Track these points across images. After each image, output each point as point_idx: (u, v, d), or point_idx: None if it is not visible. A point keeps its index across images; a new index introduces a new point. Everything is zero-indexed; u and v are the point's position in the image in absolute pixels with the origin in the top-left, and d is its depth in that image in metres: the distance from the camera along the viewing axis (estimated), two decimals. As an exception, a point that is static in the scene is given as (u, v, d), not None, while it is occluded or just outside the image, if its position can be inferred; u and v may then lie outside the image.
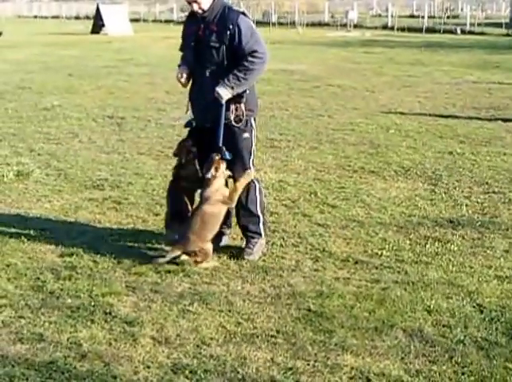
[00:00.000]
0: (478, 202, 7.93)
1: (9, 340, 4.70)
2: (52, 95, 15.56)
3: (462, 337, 4.79)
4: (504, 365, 4.44)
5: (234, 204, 6.11)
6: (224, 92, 5.89)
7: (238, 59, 5.92)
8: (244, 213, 6.27)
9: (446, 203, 7.90)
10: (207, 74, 5.99)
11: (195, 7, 5.91)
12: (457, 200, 7.98)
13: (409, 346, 4.68)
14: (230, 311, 5.15)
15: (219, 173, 5.92)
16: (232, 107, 5.98)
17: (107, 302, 5.25)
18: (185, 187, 6.22)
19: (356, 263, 6.11)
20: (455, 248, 6.50)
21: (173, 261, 5.89)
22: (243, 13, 6.05)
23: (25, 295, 5.37)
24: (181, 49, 6.35)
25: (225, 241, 6.49)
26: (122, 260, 6.03)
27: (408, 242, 6.65)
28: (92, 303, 5.23)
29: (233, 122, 6.01)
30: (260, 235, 6.29)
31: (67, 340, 4.70)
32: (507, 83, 18.34)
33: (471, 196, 8.15)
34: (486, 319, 5.08)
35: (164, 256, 5.92)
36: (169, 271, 5.81)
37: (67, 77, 18.92)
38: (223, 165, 5.94)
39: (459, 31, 42.06)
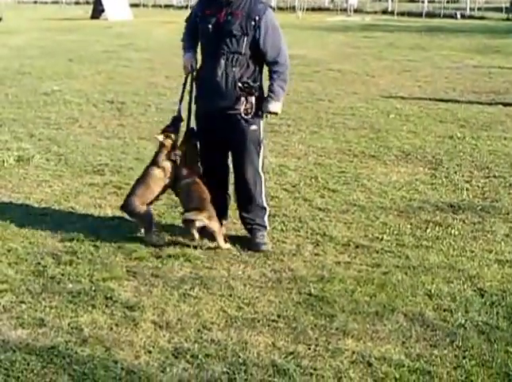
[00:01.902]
0: (478, 186, 7.93)
1: (10, 325, 4.70)
2: (52, 81, 15.50)
3: (463, 321, 4.80)
4: (505, 349, 4.45)
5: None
6: (277, 107, 5.91)
7: (256, 51, 5.82)
8: (252, 207, 6.19)
9: (446, 187, 7.90)
10: (222, 61, 5.82)
11: None
12: (458, 185, 7.98)
13: (410, 330, 4.68)
14: (231, 296, 5.15)
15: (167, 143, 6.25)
16: (242, 99, 5.85)
17: (108, 287, 5.25)
18: None
19: (357, 247, 6.11)
20: (456, 232, 6.50)
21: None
22: (270, 7, 5.93)
23: (26, 280, 5.37)
24: (187, 25, 6.22)
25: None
26: (122, 245, 6.03)
27: (409, 226, 6.65)
28: (93, 288, 5.23)
29: (242, 114, 5.88)
30: (265, 227, 6.25)
31: (68, 325, 4.70)
32: (508, 67, 18.27)
33: (472, 181, 8.14)
34: (487, 303, 5.09)
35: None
36: (170, 256, 5.81)
37: (67, 62, 18.83)
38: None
39: (459, 15, 41.83)
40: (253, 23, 5.75)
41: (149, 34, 28.08)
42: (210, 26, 5.84)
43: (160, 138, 6.33)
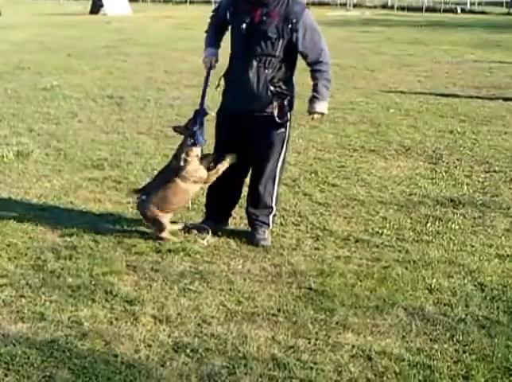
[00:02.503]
0: (479, 181, 7.93)
1: (10, 319, 4.69)
2: (51, 76, 15.47)
3: (463, 316, 4.80)
4: (505, 344, 4.45)
5: (207, 184, 6.10)
6: (323, 107, 5.78)
7: (291, 54, 5.70)
8: (258, 203, 6.11)
9: (447, 182, 7.89)
10: (254, 62, 5.62)
11: None
12: (458, 179, 7.98)
13: (410, 325, 4.68)
14: (230, 290, 5.15)
15: (192, 157, 5.85)
16: (275, 103, 5.69)
17: (108, 281, 5.24)
18: None
19: (357, 241, 6.11)
20: (456, 227, 6.49)
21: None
22: (307, 8, 5.74)
23: (26, 275, 5.36)
24: (213, 17, 6.00)
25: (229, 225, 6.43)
26: (122, 239, 6.02)
27: (409, 221, 6.65)
28: (93, 282, 5.22)
29: (276, 118, 5.70)
30: (268, 225, 6.18)
31: (68, 319, 4.69)
32: (508, 62, 18.27)
33: (472, 175, 8.14)
34: (488, 298, 5.08)
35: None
36: (170, 250, 5.81)
37: (66, 57, 18.80)
38: (196, 149, 5.88)
39: (459, 10, 41.83)
40: (290, 26, 5.54)
41: (148, 29, 28.06)
42: (244, 26, 5.60)
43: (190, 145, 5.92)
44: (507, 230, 6.44)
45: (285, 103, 5.75)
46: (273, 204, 6.14)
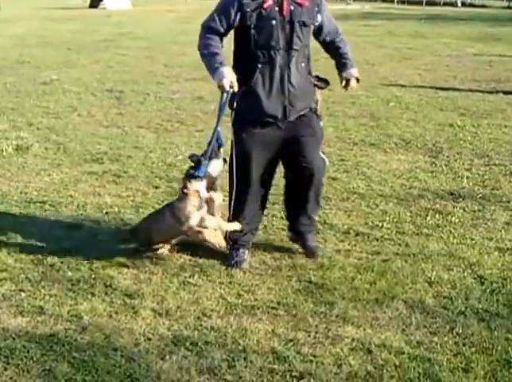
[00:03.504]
0: (479, 174, 7.92)
1: (10, 313, 4.69)
2: (51, 70, 15.45)
3: (463, 309, 4.79)
4: (505, 336, 4.44)
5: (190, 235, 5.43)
6: (357, 72, 5.61)
7: (324, 38, 5.52)
8: (316, 205, 5.70)
9: (447, 175, 7.89)
10: (293, 60, 5.21)
11: None
12: (458, 173, 7.97)
13: (410, 318, 4.67)
14: (230, 283, 5.14)
15: (189, 191, 5.21)
16: (316, 95, 5.41)
17: (108, 275, 5.24)
18: None
19: (357, 235, 6.10)
20: (456, 220, 6.49)
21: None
22: None
23: (25, 268, 5.36)
24: (209, 30, 5.29)
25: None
26: (121, 233, 6.02)
27: (408, 214, 6.64)
28: (92, 276, 5.22)
29: (318, 112, 5.44)
30: (316, 227, 5.91)
31: (68, 312, 4.69)
32: (508, 55, 18.24)
33: (472, 169, 8.13)
34: (487, 291, 5.08)
35: None
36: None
37: (66, 51, 18.78)
38: (195, 184, 5.22)
39: (459, 3, 41.80)
40: (317, 9, 5.30)
41: (148, 23, 28.02)
42: (274, 22, 5.14)
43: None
44: (507, 223, 6.43)
45: (319, 94, 5.50)
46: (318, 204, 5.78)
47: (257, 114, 5.30)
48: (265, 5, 5.13)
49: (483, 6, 41.01)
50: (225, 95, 5.19)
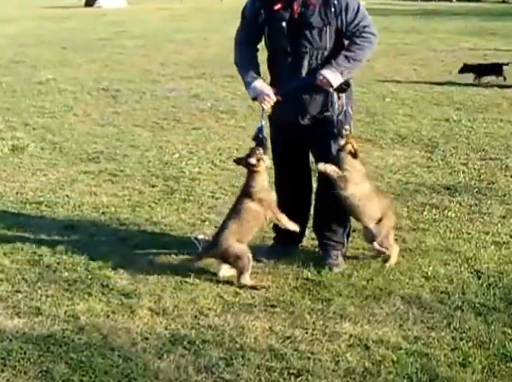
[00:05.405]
0: (475, 169, 7.92)
1: (7, 314, 4.69)
2: (46, 69, 15.42)
3: (460, 303, 4.80)
4: (502, 330, 4.45)
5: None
6: (333, 76, 5.08)
7: (344, 40, 5.21)
8: (331, 221, 5.54)
9: (443, 170, 7.89)
10: (305, 61, 5.13)
11: None
12: (454, 167, 7.97)
13: (407, 313, 4.68)
14: (227, 281, 5.14)
15: (257, 156, 5.18)
16: (335, 98, 5.21)
17: (104, 275, 5.23)
18: None
19: (353, 231, 6.08)
20: (453, 215, 6.49)
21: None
22: None
23: (22, 269, 5.35)
24: (242, 36, 5.35)
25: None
26: (118, 233, 6.03)
27: (405, 209, 6.64)
28: (89, 276, 5.22)
29: (335, 115, 5.24)
30: (343, 245, 5.59)
31: (65, 313, 4.69)
32: (503, 49, 18.18)
33: (468, 163, 8.13)
34: (484, 285, 5.08)
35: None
36: (166, 243, 5.79)
37: (61, 50, 18.74)
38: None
39: (454, -2, 41.73)
40: (333, 9, 5.05)
41: (144, 21, 27.94)
42: (283, 24, 5.09)
43: (253, 161, 5.18)
44: (503, 217, 6.44)
45: (343, 96, 5.29)
46: (348, 219, 5.59)
47: (276, 115, 5.40)
48: (276, 8, 5.11)
49: (478, 1, 40.91)
50: (263, 106, 5.26)
